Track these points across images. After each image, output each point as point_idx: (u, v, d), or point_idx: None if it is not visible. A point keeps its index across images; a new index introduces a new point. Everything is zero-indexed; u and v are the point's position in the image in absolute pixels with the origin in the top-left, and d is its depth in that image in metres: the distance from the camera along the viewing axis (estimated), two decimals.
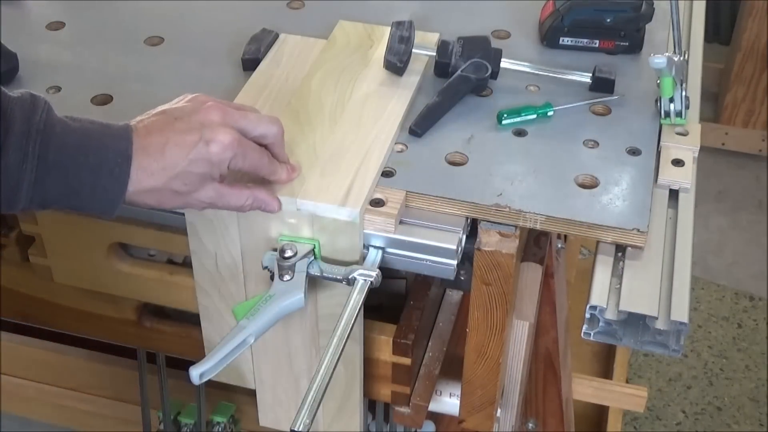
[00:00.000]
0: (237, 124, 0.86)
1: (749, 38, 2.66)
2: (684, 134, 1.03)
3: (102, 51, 1.15)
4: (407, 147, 1.00)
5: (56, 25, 1.20)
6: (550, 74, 1.09)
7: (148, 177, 0.82)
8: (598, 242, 0.94)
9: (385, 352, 1.00)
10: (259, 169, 0.89)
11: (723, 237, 2.62)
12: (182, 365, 0.96)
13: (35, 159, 0.78)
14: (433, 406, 1.08)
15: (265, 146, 0.89)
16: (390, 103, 1.03)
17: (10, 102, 0.78)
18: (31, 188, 0.78)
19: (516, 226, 0.92)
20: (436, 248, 0.91)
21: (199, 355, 1.05)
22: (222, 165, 0.84)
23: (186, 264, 1.05)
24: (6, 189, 0.78)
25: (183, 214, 0.96)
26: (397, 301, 1.04)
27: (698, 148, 1.02)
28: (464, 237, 0.93)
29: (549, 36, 1.15)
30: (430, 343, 1.07)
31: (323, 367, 0.83)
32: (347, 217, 0.90)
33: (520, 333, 1.07)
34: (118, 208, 0.83)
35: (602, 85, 1.08)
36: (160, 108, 0.86)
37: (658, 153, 1.02)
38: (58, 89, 1.08)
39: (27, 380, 1.49)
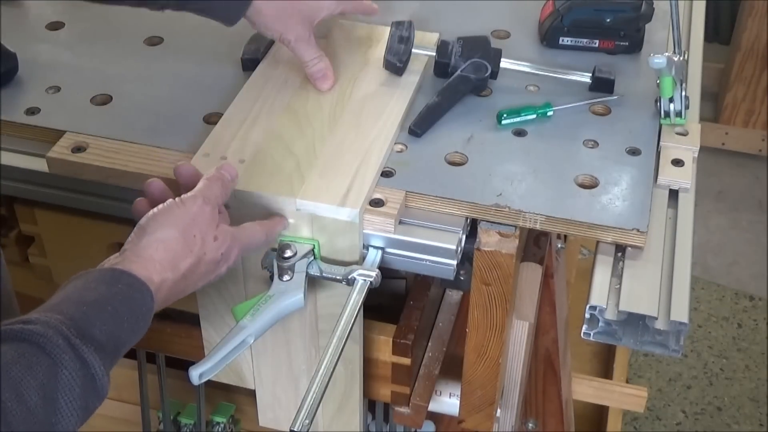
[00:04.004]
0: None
1: (749, 38, 2.66)
2: (684, 134, 1.03)
3: (102, 51, 1.15)
4: (407, 147, 1.00)
5: (56, 25, 1.20)
6: (550, 74, 1.09)
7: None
8: (598, 242, 0.94)
9: (384, 352, 0.99)
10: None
11: (723, 237, 2.62)
12: (182, 365, 0.96)
13: None
14: (433, 406, 1.08)
15: None
16: (390, 103, 1.03)
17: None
18: None
19: (516, 226, 0.92)
20: (435, 248, 0.91)
21: (199, 355, 1.05)
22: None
23: None
24: None
25: None
26: (397, 301, 1.04)
27: (698, 148, 1.02)
28: (464, 237, 0.93)
29: (549, 36, 1.15)
30: (429, 343, 1.07)
31: (323, 367, 0.83)
32: (347, 217, 0.90)
33: (520, 333, 1.07)
34: (243, 14, 1.00)
35: (602, 85, 1.08)
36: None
37: (658, 153, 1.02)
38: (58, 89, 1.08)
39: None
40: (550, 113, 1.04)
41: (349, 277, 0.89)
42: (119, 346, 0.73)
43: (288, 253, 0.90)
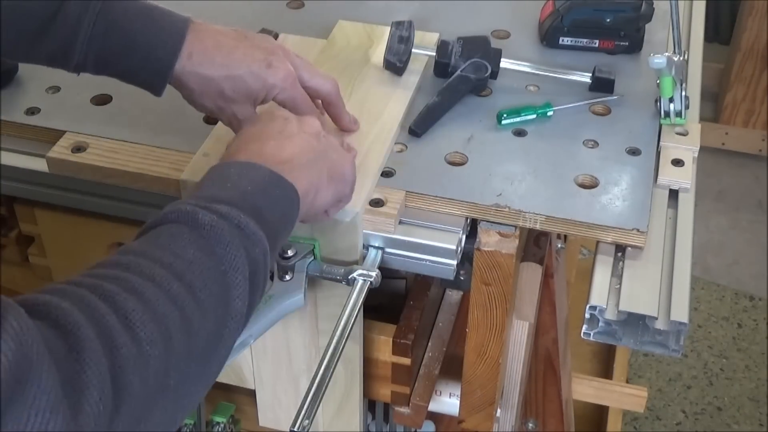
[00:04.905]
0: (297, 68, 0.91)
1: (749, 38, 2.66)
2: (684, 134, 1.03)
3: None
4: (407, 147, 1.00)
5: None
6: (550, 74, 1.09)
7: (207, 63, 0.87)
8: (598, 242, 0.94)
9: (384, 352, 0.99)
10: None
11: (723, 237, 2.62)
12: None
13: (95, 15, 0.84)
14: (433, 406, 1.08)
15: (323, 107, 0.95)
16: (389, 103, 1.03)
17: None
18: (86, 41, 0.84)
19: (516, 226, 0.92)
20: (435, 248, 0.91)
21: None
22: (270, 92, 0.89)
23: None
24: (63, 37, 0.84)
25: None
26: (397, 301, 1.04)
27: (698, 148, 1.02)
28: (464, 237, 0.93)
29: (549, 36, 1.15)
30: (429, 343, 1.07)
31: (323, 367, 0.83)
32: (347, 217, 0.90)
33: (520, 333, 1.07)
34: (165, 85, 0.88)
35: (602, 85, 1.08)
36: (234, 28, 0.91)
37: (658, 153, 1.02)
38: (58, 89, 1.08)
39: None
40: (550, 113, 1.04)
41: (349, 277, 0.89)
42: (254, 202, 0.71)
43: (288, 253, 0.90)
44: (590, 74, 1.08)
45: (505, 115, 1.03)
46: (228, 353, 0.68)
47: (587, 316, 0.89)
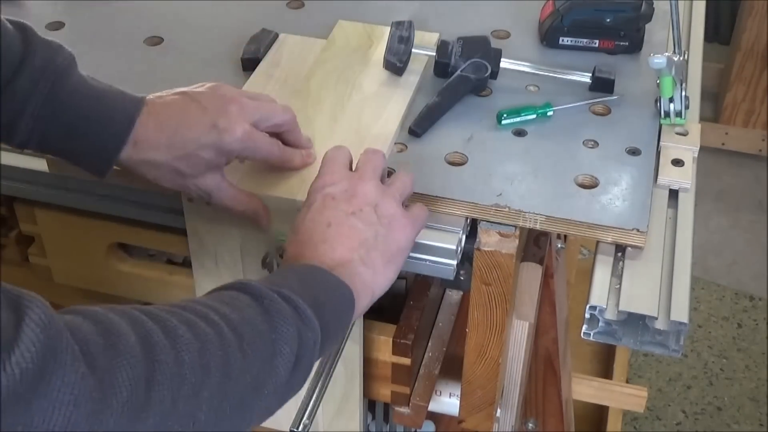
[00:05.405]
0: (252, 118, 0.87)
1: (749, 38, 2.66)
2: (684, 134, 1.03)
3: (102, 51, 1.15)
4: (407, 147, 1.00)
5: (56, 25, 1.20)
6: (550, 74, 1.09)
7: (152, 149, 0.84)
8: (598, 242, 0.94)
9: (384, 352, 0.99)
10: (271, 160, 0.91)
11: (723, 237, 2.63)
12: None
13: (43, 95, 0.81)
14: (433, 406, 1.08)
15: (279, 134, 0.92)
16: (389, 103, 1.03)
17: (36, 40, 0.83)
18: (32, 120, 0.81)
19: (516, 226, 0.92)
20: (435, 248, 0.91)
21: None
22: (230, 154, 0.87)
23: (186, 264, 1.05)
24: (9, 113, 0.81)
25: (183, 215, 0.96)
26: (397, 301, 1.04)
27: (698, 148, 1.02)
28: (464, 237, 0.93)
29: (549, 36, 1.15)
30: (429, 343, 1.07)
31: (323, 367, 0.83)
32: None
33: (520, 333, 1.07)
34: (110, 170, 0.85)
35: (602, 85, 1.08)
36: (179, 89, 0.88)
37: (658, 153, 1.02)
38: None
39: None
40: (550, 113, 1.04)
41: None
42: (317, 296, 0.73)
43: None
44: (590, 74, 1.08)
45: (505, 115, 1.03)
46: (264, 414, 0.69)
47: (587, 316, 0.89)
